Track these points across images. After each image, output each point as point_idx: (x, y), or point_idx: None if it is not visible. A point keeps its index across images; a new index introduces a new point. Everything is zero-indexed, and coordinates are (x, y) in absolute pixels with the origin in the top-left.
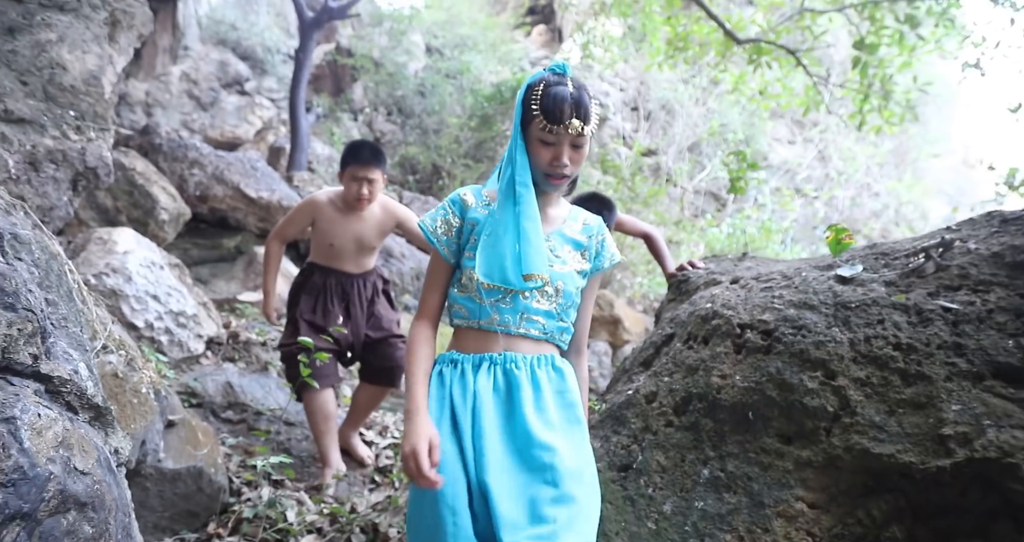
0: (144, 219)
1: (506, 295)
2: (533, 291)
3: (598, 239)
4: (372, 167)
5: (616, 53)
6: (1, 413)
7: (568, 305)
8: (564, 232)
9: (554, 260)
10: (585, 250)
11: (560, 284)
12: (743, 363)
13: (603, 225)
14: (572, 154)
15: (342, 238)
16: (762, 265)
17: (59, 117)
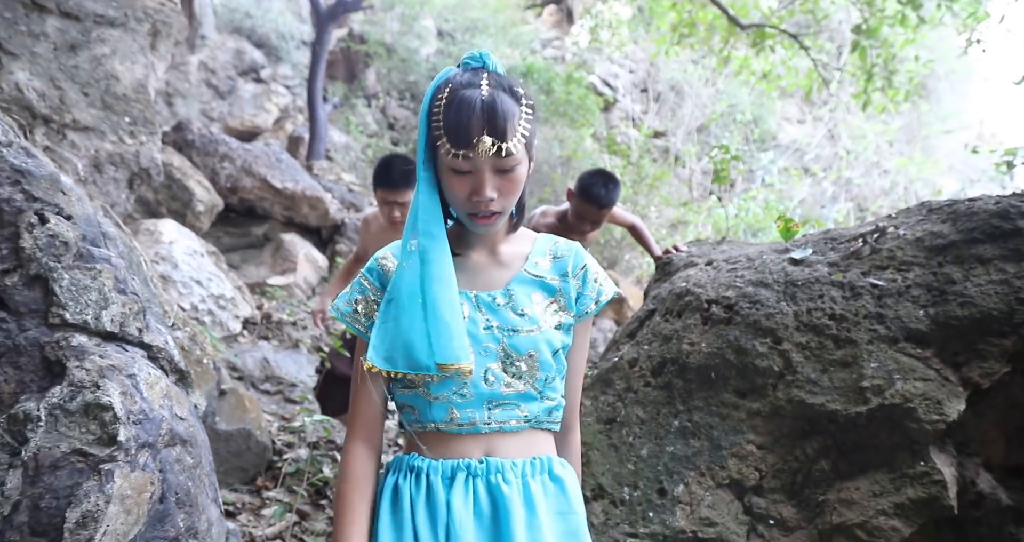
0: (182, 210)
1: (459, 384)
2: (495, 371)
3: (578, 273)
4: (397, 190)
5: (625, 36)
6: (126, 370)
7: (551, 377)
8: (528, 275)
9: (517, 321)
10: (560, 294)
11: (532, 354)
12: (708, 333)
13: (580, 252)
14: (499, 182)
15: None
16: (735, 248)
17: (116, 124)
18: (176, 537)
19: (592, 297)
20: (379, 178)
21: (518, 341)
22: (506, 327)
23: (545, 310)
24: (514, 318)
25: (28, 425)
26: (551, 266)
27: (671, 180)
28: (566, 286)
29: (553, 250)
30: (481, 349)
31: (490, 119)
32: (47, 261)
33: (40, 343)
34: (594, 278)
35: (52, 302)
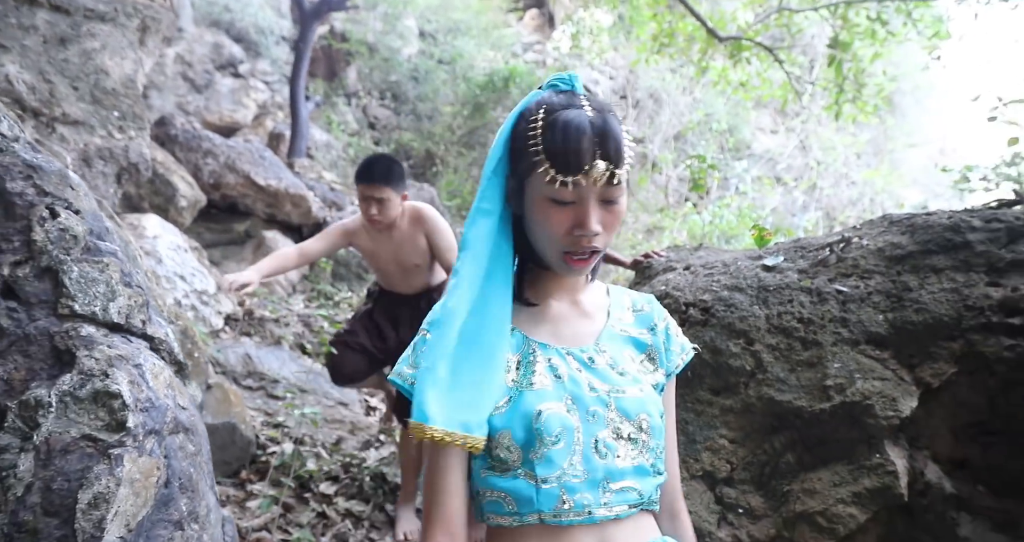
0: (165, 206)
1: (570, 460)
2: (608, 441)
3: (661, 327)
4: (375, 184)
5: (605, 43)
6: (133, 360)
7: (661, 446)
8: (615, 329)
9: (620, 380)
10: (652, 350)
11: (644, 418)
12: (687, 334)
13: (657, 304)
14: (603, 215)
15: (381, 261)
16: (711, 254)
17: (105, 118)
18: (179, 520)
19: (677, 353)
20: (360, 173)
21: (627, 404)
22: (612, 388)
23: (637, 365)
24: (616, 377)
25: (39, 411)
26: (634, 320)
27: (648, 186)
28: (656, 341)
29: (632, 303)
30: (588, 414)
31: (602, 142)
32: (57, 254)
33: (50, 333)
34: (676, 333)
35: (62, 293)
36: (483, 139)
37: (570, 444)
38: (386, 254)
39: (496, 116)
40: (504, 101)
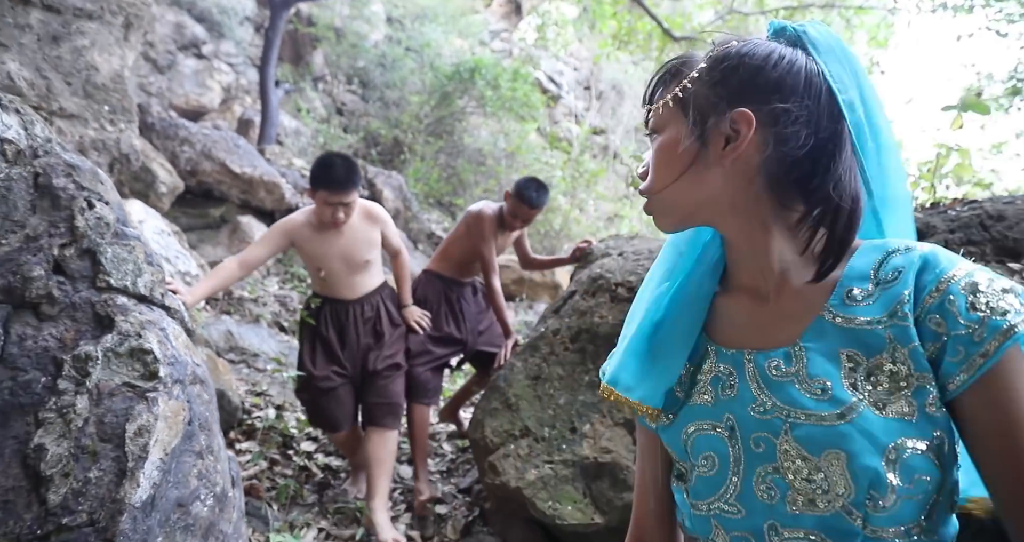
0: (145, 191)
1: (724, 488)
2: (776, 479)
3: (928, 300)
4: (348, 191)
5: (570, 35)
6: (159, 324)
7: (874, 499)
8: (831, 319)
9: (810, 401)
10: (892, 348)
11: (837, 456)
12: (615, 308)
13: (933, 259)
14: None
15: (327, 259)
16: (643, 243)
17: (97, 112)
18: (200, 451)
19: (978, 337)
20: (323, 179)
21: (811, 434)
22: (793, 410)
23: (863, 379)
24: (805, 396)
25: (89, 363)
26: (874, 298)
27: (609, 176)
28: (904, 333)
29: (881, 269)
30: (751, 442)
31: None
32: (95, 238)
33: (91, 301)
34: (969, 303)
35: (99, 270)
36: (450, 128)
37: (725, 474)
38: (335, 251)
39: (463, 105)
40: (470, 91)
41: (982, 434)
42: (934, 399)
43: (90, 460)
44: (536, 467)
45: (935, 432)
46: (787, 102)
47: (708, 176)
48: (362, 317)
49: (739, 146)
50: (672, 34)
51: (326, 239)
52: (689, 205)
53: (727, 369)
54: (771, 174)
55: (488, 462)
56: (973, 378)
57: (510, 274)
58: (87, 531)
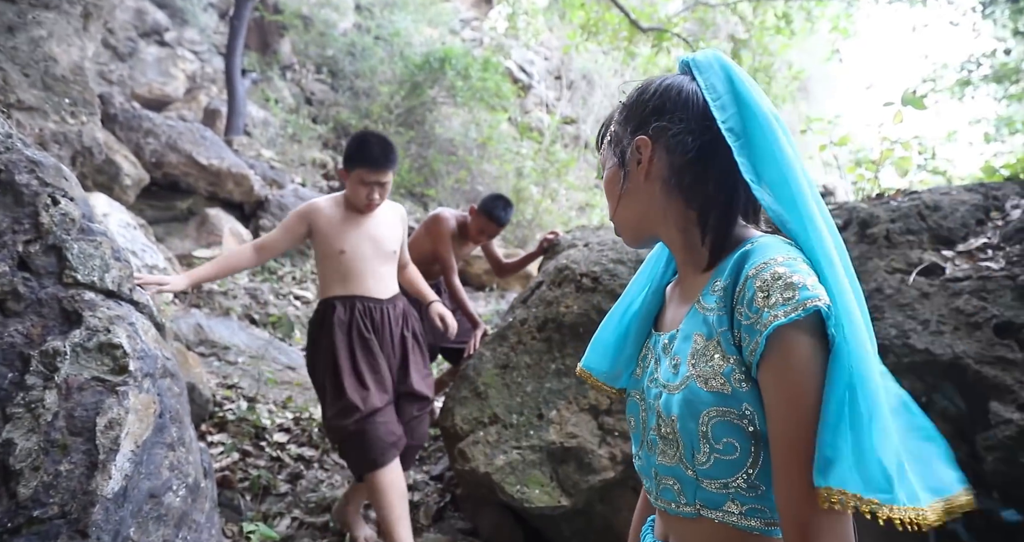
0: (109, 184)
1: (637, 444)
2: (653, 435)
3: (740, 291)
4: (387, 170)
5: (540, 25)
6: (128, 319)
7: (695, 455)
8: (699, 307)
9: (668, 373)
10: (716, 331)
11: (672, 419)
12: (579, 298)
13: (752, 256)
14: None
15: (355, 241)
16: (608, 234)
17: (57, 104)
18: (171, 443)
19: (756, 328)
20: (362, 157)
21: (664, 400)
22: (663, 380)
23: (699, 359)
24: (668, 370)
25: (57, 358)
26: (722, 291)
27: (580, 165)
28: (721, 319)
29: (738, 268)
30: (648, 406)
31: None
32: (60, 234)
33: (58, 297)
34: (755, 295)
35: (65, 266)
36: (420, 118)
37: (638, 431)
38: (364, 233)
39: (433, 95)
40: (441, 81)
41: (766, 410)
42: (739, 378)
43: (60, 453)
44: (504, 453)
45: (744, 406)
46: (664, 120)
47: (637, 195)
48: (395, 324)
49: (644, 165)
50: (640, 25)
51: (355, 221)
52: (633, 221)
53: (649, 349)
54: (675, 181)
55: (458, 449)
56: (755, 362)
57: (482, 264)
58: (59, 523)
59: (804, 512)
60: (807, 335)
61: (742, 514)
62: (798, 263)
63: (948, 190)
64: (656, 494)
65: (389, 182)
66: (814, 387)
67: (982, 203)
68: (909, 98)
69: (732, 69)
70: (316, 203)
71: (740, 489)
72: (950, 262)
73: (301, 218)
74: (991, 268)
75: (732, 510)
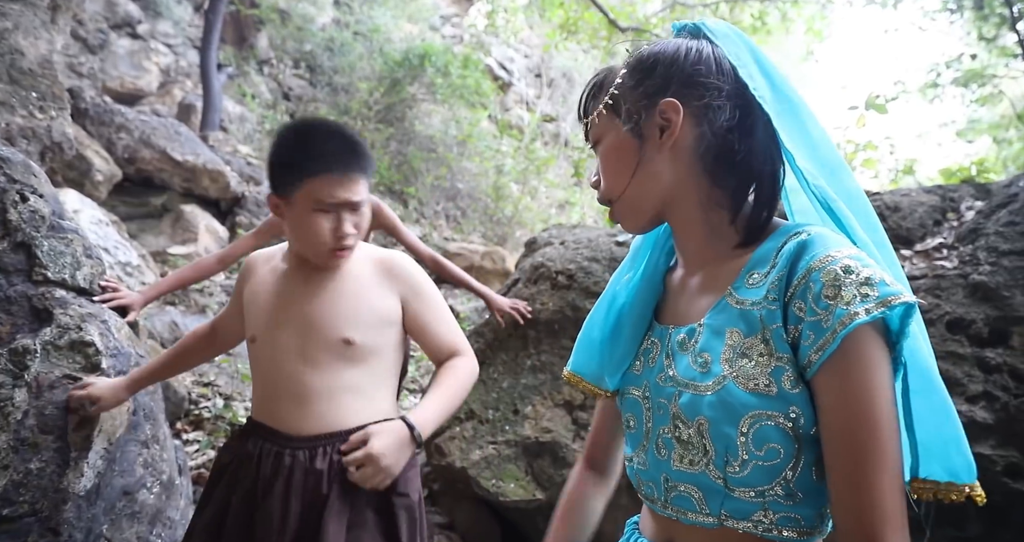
0: (80, 180)
1: (639, 447)
2: (667, 438)
3: (797, 285)
4: (358, 176)
5: (520, 22)
6: (100, 317)
7: (730, 463)
8: (731, 300)
9: (694, 372)
10: (764, 328)
11: (701, 423)
12: (555, 295)
13: (809, 247)
14: (599, 162)
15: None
16: (584, 232)
17: (24, 98)
18: (146, 441)
19: (825, 323)
20: (312, 156)
21: (689, 401)
22: (683, 379)
23: (738, 356)
24: (692, 368)
25: (27, 356)
26: (764, 283)
27: (560, 163)
28: (773, 314)
29: (780, 252)
30: (656, 406)
31: (580, 103)
32: (29, 231)
33: (28, 295)
34: (825, 290)
35: (35, 264)
36: (400, 115)
37: (640, 433)
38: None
39: (413, 92)
40: (421, 78)
41: (823, 414)
42: (790, 378)
43: (31, 452)
44: (480, 448)
45: (791, 408)
46: (708, 83)
47: (656, 168)
48: (304, 488)
49: (673, 131)
50: (618, 24)
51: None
52: (646, 199)
53: (654, 342)
54: (707, 151)
55: (434, 444)
56: (819, 362)
57: (460, 262)
58: (29, 521)
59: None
60: (881, 334)
61: (774, 523)
62: (866, 257)
63: (908, 191)
64: (664, 501)
65: (364, 201)
66: (891, 386)
67: (939, 204)
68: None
69: (751, 42)
70: (256, 253)
71: (777, 497)
72: (908, 261)
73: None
74: (945, 267)
75: (763, 520)
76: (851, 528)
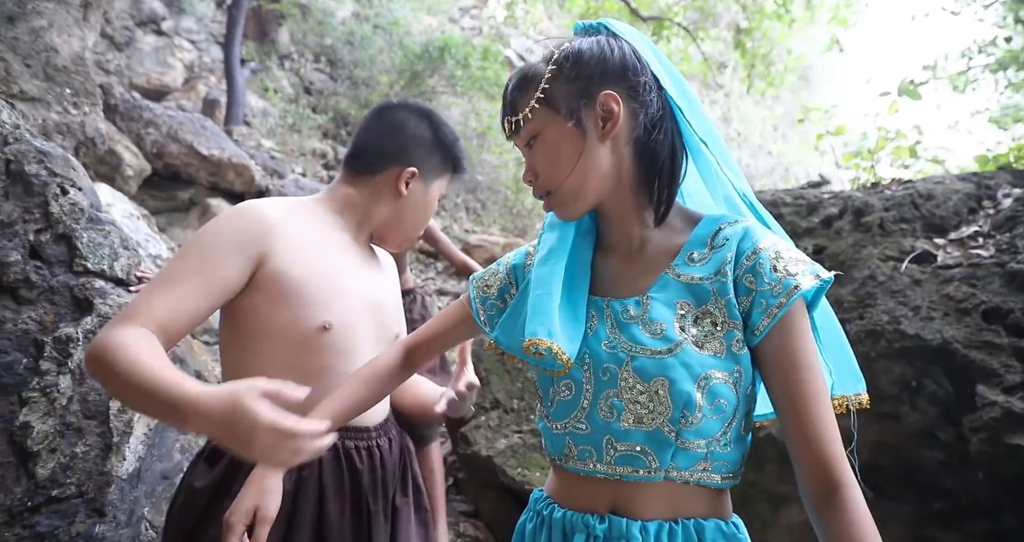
0: (111, 175)
1: (577, 411)
2: (615, 401)
3: (744, 263)
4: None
5: (540, 13)
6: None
7: (690, 416)
8: (673, 276)
9: (647, 339)
10: (716, 299)
11: (661, 382)
12: None
13: (752, 232)
14: (531, 159)
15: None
16: None
17: (59, 95)
18: None
19: (775, 292)
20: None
21: (644, 364)
22: (634, 346)
23: (691, 324)
24: (644, 335)
25: (70, 344)
26: (709, 259)
27: None
28: (723, 287)
29: (715, 237)
30: (601, 371)
31: (505, 98)
32: (70, 223)
33: (69, 285)
34: (772, 266)
35: (76, 255)
36: None
37: (578, 398)
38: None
39: (433, 85)
40: (440, 70)
41: (772, 370)
42: (739, 341)
43: (76, 436)
44: (506, 437)
45: (736, 367)
46: (636, 77)
47: (597, 158)
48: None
49: (616, 122)
50: (640, 14)
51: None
52: (587, 187)
53: (590, 313)
54: (637, 141)
55: (460, 433)
56: (771, 325)
57: (482, 254)
58: (76, 502)
59: (834, 451)
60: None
61: (707, 471)
62: (790, 243)
63: (941, 179)
64: (608, 463)
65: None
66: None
67: (974, 192)
68: (905, 88)
69: (648, 38)
70: (269, 211)
71: (719, 445)
72: (942, 250)
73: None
74: (981, 256)
75: (700, 467)
76: (811, 450)
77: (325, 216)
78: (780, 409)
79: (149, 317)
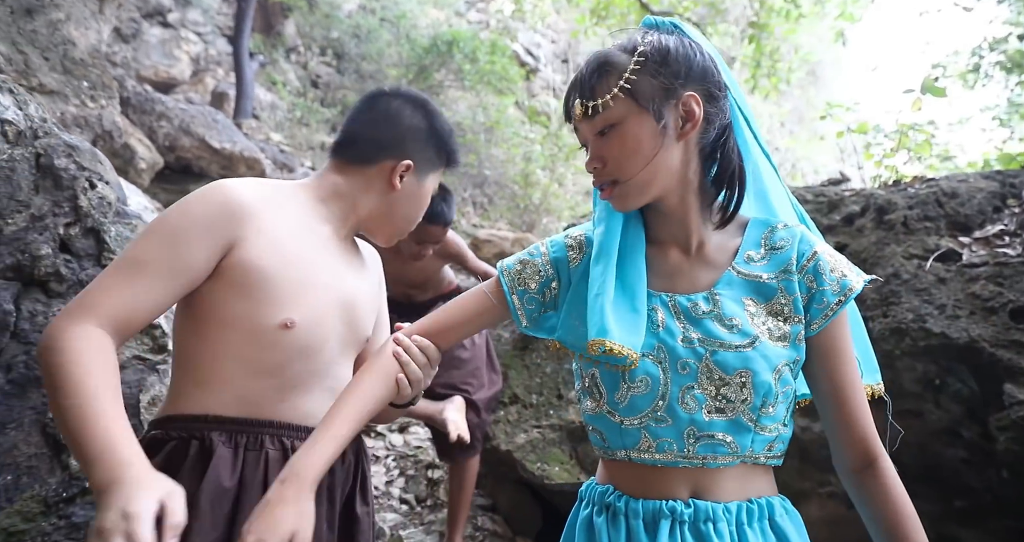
0: (124, 168)
1: (654, 406)
2: (697, 394)
3: (806, 265)
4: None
5: (547, 7)
6: None
7: (769, 403)
8: (737, 274)
9: (725, 334)
10: (782, 295)
11: (744, 374)
12: None
13: (806, 236)
14: (601, 147)
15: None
16: None
17: (77, 88)
18: None
19: (834, 292)
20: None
21: (726, 358)
22: (711, 340)
23: (763, 319)
24: (720, 330)
25: None
26: (767, 260)
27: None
28: (789, 285)
29: (769, 239)
30: (679, 365)
31: (579, 82)
32: (98, 217)
33: None
34: (830, 268)
35: (104, 248)
36: None
37: (655, 392)
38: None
39: (440, 79)
40: (448, 64)
41: (821, 359)
42: (801, 334)
43: None
44: (525, 432)
45: (796, 357)
46: (714, 82)
47: (670, 157)
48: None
49: (696, 124)
50: (650, 8)
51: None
52: (658, 185)
53: (658, 307)
54: (708, 143)
55: None
56: (828, 320)
57: (491, 248)
58: None
59: (872, 429)
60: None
61: (772, 451)
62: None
63: (965, 177)
64: (689, 451)
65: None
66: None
67: (999, 190)
68: (929, 86)
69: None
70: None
71: (782, 427)
72: (967, 248)
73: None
74: (1008, 254)
75: (768, 449)
76: (855, 428)
77: (307, 204)
78: (823, 393)
79: (108, 312)
